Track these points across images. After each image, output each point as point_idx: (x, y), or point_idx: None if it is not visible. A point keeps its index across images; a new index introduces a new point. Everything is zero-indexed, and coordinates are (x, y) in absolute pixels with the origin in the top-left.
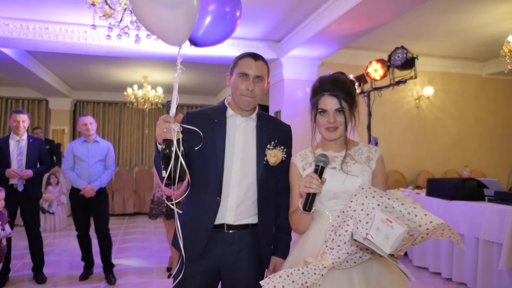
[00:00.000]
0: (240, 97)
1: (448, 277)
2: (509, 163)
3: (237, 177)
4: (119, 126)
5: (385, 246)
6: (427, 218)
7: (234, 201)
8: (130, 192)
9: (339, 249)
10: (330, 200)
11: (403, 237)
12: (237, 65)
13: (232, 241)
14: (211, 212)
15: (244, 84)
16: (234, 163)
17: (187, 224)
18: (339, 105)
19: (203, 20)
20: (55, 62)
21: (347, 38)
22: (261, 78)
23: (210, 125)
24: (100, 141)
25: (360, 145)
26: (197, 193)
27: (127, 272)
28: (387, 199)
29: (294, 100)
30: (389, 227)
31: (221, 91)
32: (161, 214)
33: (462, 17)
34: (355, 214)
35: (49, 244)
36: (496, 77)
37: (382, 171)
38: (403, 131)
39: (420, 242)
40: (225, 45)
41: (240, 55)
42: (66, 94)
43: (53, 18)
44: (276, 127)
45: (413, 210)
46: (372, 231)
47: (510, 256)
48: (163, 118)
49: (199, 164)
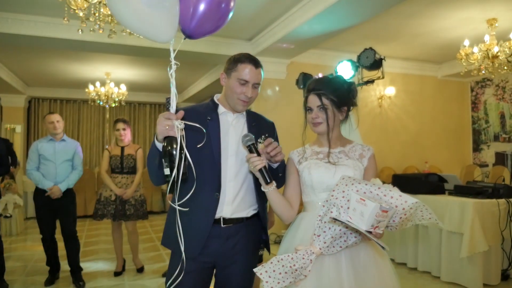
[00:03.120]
0: (237, 101)
1: (414, 267)
2: (462, 159)
3: (232, 172)
4: (78, 124)
5: (361, 223)
6: (402, 198)
7: (231, 195)
8: (91, 192)
9: (325, 235)
10: (323, 192)
11: (375, 213)
12: (237, 69)
13: (228, 235)
14: (211, 208)
15: (243, 89)
16: (229, 158)
17: (185, 222)
18: (320, 102)
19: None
20: (9, 55)
21: (317, 39)
22: (258, 84)
23: (203, 122)
24: (68, 140)
25: (354, 143)
26: (195, 189)
27: (95, 275)
28: (365, 185)
29: (264, 99)
30: (363, 205)
31: (185, 89)
32: (108, 215)
33: (423, 22)
34: (337, 202)
35: (6, 250)
36: (451, 79)
37: (373, 168)
38: (367, 129)
39: (403, 224)
40: (196, 41)
41: (240, 57)
42: (20, 91)
43: (11, 8)
44: (263, 123)
45: (389, 193)
46: (350, 212)
47: (470, 245)
48: (164, 115)
49: (195, 161)
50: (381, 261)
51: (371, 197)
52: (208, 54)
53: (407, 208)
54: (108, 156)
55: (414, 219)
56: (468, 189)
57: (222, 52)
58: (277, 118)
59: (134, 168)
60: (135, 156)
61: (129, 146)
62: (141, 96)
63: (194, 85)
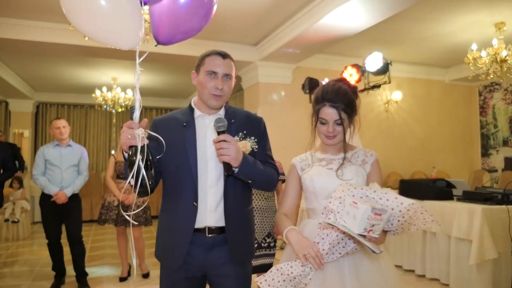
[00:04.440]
0: (209, 96)
1: (422, 274)
2: (470, 164)
3: (213, 177)
4: (85, 129)
5: (354, 227)
6: (398, 200)
7: (213, 202)
8: (98, 197)
9: (323, 242)
10: (326, 198)
11: (367, 215)
12: (204, 62)
13: (212, 245)
14: (189, 219)
15: (212, 82)
16: (208, 163)
17: (166, 233)
18: (338, 116)
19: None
20: (16, 60)
21: (323, 44)
22: (229, 76)
23: (179, 129)
24: (73, 145)
25: (357, 149)
26: (172, 200)
27: (101, 280)
28: (360, 190)
29: (269, 103)
30: (355, 209)
31: (192, 93)
32: (110, 220)
33: (430, 26)
34: (334, 207)
35: (13, 254)
36: (458, 83)
37: (376, 174)
38: (373, 134)
39: (406, 228)
40: (201, 47)
41: (206, 52)
42: (28, 96)
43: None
44: (246, 119)
45: (384, 195)
46: (344, 216)
47: (479, 252)
48: (126, 124)
49: (171, 170)
50: (386, 268)
51: (366, 201)
52: None
53: (404, 211)
54: (113, 162)
55: (418, 223)
56: (477, 195)
57: None
58: (282, 123)
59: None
60: None
61: None
62: (147, 101)
63: None
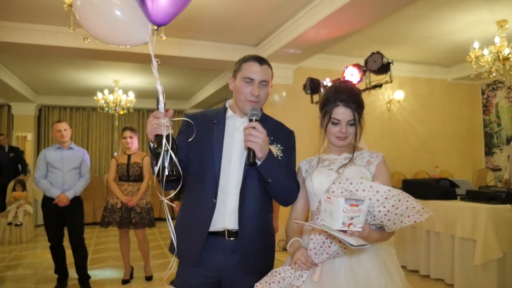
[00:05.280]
0: (244, 102)
1: (426, 274)
2: (474, 163)
3: (235, 179)
4: (87, 132)
5: (333, 223)
6: (373, 188)
7: (233, 204)
8: (100, 200)
9: (312, 242)
10: None
11: (342, 208)
12: (241, 68)
13: (233, 249)
14: (206, 215)
15: (249, 88)
16: (232, 163)
17: (183, 228)
18: (352, 117)
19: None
20: (18, 64)
21: (324, 44)
22: (266, 82)
23: (208, 125)
24: (75, 148)
25: (363, 150)
26: (192, 195)
27: (103, 283)
28: (339, 184)
29: (271, 104)
30: (330, 203)
31: (193, 95)
32: (113, 222)
33: (431, 24)
34: (322, 207)
35: (17, 257)
36: (460, 82)
37: (383, 175)
38: (376, 134)
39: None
40: (201, 48)
41: (244, 58)
42: (30, 99)
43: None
44: (276, 128)
45: (360, 186)
46: (322, 215)
47: (484, 252)
48: (153, 114)
49: (196, 165)
50: (390, 265)
51: (344, 195)
52: (215, 60)
53: (381, 199)
54: (115, 164)
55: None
56: (481, 194)
57: (229, 58)
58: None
59: (140, 176)
60: (141, 164)
61: (135, 154)
62: (149, 103)
63: (202, 92)
